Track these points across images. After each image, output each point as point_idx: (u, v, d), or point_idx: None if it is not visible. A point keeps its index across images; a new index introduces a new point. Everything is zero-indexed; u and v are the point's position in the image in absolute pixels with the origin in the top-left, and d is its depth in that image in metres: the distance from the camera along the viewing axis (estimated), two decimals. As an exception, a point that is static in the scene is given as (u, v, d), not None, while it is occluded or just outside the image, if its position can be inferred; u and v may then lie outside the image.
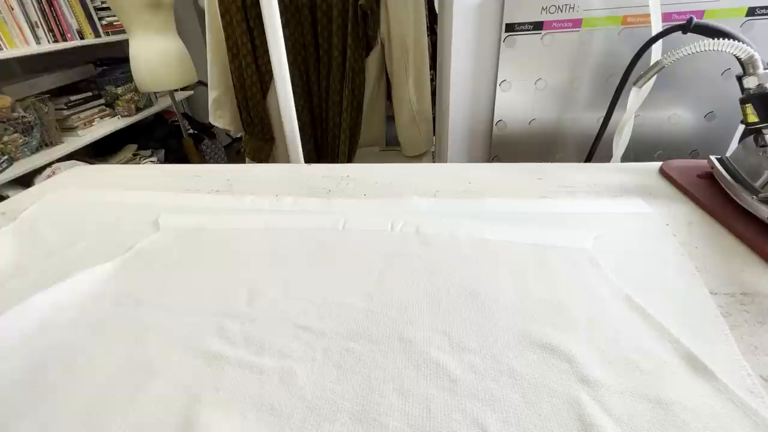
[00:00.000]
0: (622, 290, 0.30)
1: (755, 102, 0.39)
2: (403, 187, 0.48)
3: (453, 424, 0.22)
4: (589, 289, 0.31)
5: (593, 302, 0.29)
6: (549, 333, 0.27)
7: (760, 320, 0.27)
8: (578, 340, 0.26)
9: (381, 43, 1.09)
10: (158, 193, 0.51)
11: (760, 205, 0.35)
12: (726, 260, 0.33)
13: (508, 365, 0.25)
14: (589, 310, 0.28)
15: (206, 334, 0.29)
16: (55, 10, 1.74)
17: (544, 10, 0.61)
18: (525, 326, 0.28)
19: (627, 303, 0.29)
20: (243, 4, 1.01)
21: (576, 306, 0.29)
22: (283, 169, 0.58)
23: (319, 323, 0.29)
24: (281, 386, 0.25)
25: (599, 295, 0.30)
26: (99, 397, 0.25)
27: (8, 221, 0.46)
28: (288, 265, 0.35)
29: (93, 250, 0.40)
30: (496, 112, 0.70)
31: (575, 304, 0.29)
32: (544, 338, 0.26)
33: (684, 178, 0.45)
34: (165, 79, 1.65)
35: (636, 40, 0.59)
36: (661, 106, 0.66)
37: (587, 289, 0.31)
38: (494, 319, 0.28)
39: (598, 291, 0.30)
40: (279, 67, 0.74)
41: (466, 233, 0.38)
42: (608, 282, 0.31)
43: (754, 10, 0.58)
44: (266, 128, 1.19)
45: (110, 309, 0.32)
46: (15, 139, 1.54)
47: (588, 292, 0.30)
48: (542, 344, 0.26)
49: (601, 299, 0.29)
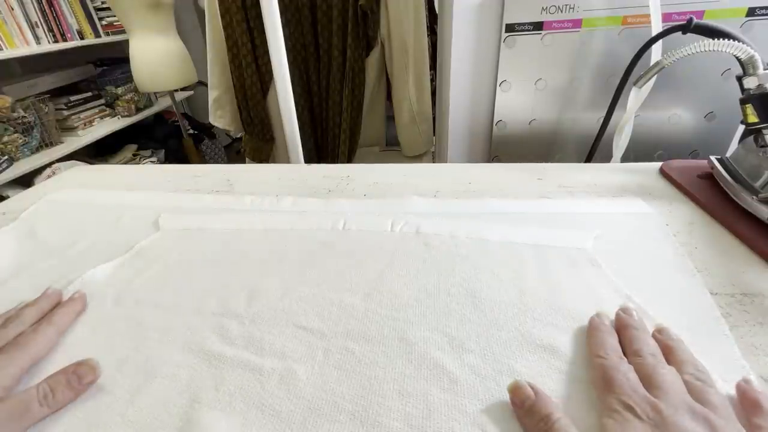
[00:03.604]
0: (622, 290, 0.30)
1: (755, 102, 0.39)
2: (403, 187, 0.48)
3: (453, 424, 0.22)
4: (589, 289, 0.31)
5: (593, 302, 0.29)
6: (549, 333, 0.27)
7: (760, 320, 0.27)
8: (578, 341, 0.26)
9: (381, 43, 1.09)
10: (158, 193, 0.51)
11: (760, 206, 0.35)
12: (726, 260, 0.33)
13: (508, 365, 0.25)
14: (589, 310, 0.28)
15: (206, 334, 0.29)
16: (55, 10, 1.74)
17: (544, 10, 0.61)
18: (525, 326, 0.27)
19: (627, 303, 0.29)
20: (243, 4, 1.01)
21: (576, 306, 0.29)
22: (283, 169, 0.58)
23: (319, 323, 0.29)
24: (281, 386, 0.25)
25: (599, 296, 0.30)
26: (99, 397, 0.25)
27: (8, 221, 0.46)
28: (288, 265, 0.36)
29: (93, 250, 0.40)
30: (496, 112, 0.70)
31: (575, 304, 0.29)
32: (545, 339, 0.26)
33: (684, 178, 0.45)
34: (165, 79, 1.65)
35: (636, 40, 0.59)
36: (661, 106, 0.66)
37: (587, 289, 0.31)
38: (494, 319, 0.28)
39: (598, 291, 0.30)
40: (279, 67, 0.74)
41: (466, 233, 0.38)
42: (608, 282, 0.31)
43: (754, 11, 0.58)
44: (266, 128, 1.19)
45: (110, 309, 0.32)
46: (15, 139, 1.54)
47: (588, 292, 0.30)
48: (542, 345, 0.26)
49: (601, 299, 0.29)
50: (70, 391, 0.24)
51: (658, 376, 0.21)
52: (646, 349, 0.23)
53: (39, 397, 0.23)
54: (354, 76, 1.09)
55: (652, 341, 0.24)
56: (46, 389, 0.24)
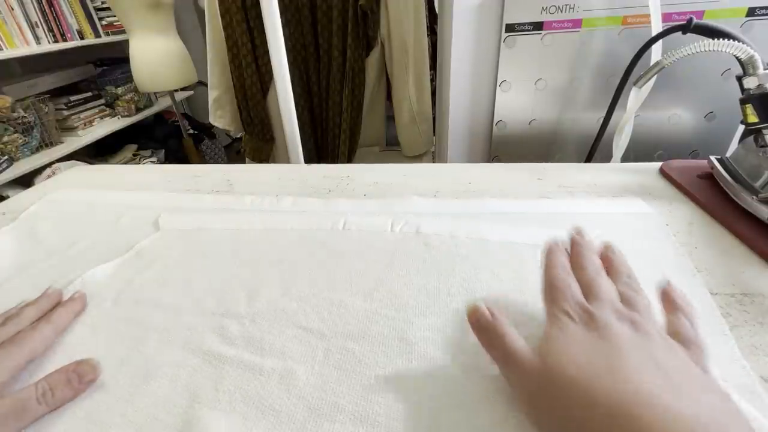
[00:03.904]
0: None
1: (755, 102, 0.39)
2: (403, 187, 0.48)
3: (454, 424, 0.22)
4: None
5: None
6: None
7: (760, 320, 0.27)
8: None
9: (381, 44, 1.09)
10: (158, 193, 0.51)
11: (760, 206, 0.35)
12: (726, 260, 0.33)
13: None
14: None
15: (206, 334, 0.29)
16: (55, 10, 1.74)
17: (544, 10, 0.61)
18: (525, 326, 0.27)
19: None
20: (243, 4, 1.01)
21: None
22: (283, 169, 0.58)
23: (319, 323, 0.29)
24: (281, 386, 0.25)
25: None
26: (99, 397, 0.25)
27: (8, 221, 0.46)
28: (288, 265, 0.35)
29: (93, 250, 0.40)
30: (496, 112, 0.70)
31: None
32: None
33: (684, 178, 0.45)
34: (165, 79, 1.66)
35: (636, 40, 0.59)
36: (661, 106, 0.66)
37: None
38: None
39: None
40: (279, 67, 0.74)
41: (466, 233, 0.38)
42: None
43: (754, 11, 0.58)
44: (266, 128, 1.19)
45: (110, 309, 0.32)
46: (15, 139, 1.54)
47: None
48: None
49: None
50: (70, 389, 0.24)
51: (595, 286, 0.24)
52: (590, 264, 0.26)
53: (37, 395, 0.23)
54: (354, 76, 1.09)
55: (596, 258, 0.27)
56: (45, 387, 0.24)
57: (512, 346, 0.22)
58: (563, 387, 0.19)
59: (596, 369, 0.19)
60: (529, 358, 0.22)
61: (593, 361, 0.20)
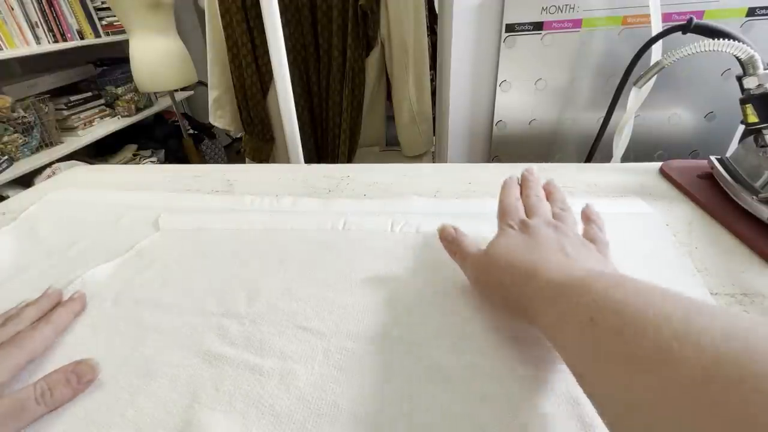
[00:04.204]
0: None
1: (755, 102, 0.39)
2: (403, 187, 0.48)
3: (454, 424, 0.22)
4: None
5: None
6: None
7: (760, 320, 0.27)
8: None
9: (381, 44, 1.09)
10: (158, 193, 0.51)
11: (760, 206, 0.35)
12: (726, 260, 0.33)
13: (509, 365, 0.25)
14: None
15: (206, 334, 0.29)
16: (55, 10, 1.74)
17: (544, 10, 0.61)
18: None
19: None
20: (243, 4, 1.01)
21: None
22: (283, 169, 0.57)
23: (319, 324, 0.29)
24: (281, 386, 0.25)
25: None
26: (99, 397, 0.25)
27: (8, 221, 0.46)
28: (288, 265, 0.36)
29: (93, 250, 0.40)
30: (496, 112, 0.70)
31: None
32: (545, 338, 0.26)
33: (684, 178, 0.45)
34: (165, 79, 1.66)
35: (636, 40, 0.59)
36: (661, 106, 0.66)
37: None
38: (494, 319, 0.28)
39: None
40: (279, 67, 0.74)
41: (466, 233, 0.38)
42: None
43: (754, 11, 0.58)
44: (266, 128, 1.19)
45: (110, 309, 0.32)
46: (15, 139, 1.54)
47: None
48: (542, 344, 0.26)
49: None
50: (69, 389, 0.24)
51: (535, 207, 0.31)
52: (534, 192, 0.33)
53: (36, 395, 0.23)
54: (354, 76, 1.09)
55: (540, 189, 0.34)
56: (44, 387, 0.24)
57: (468, 249, 0.30)
58: (497, 265, 0.27)
59: (520, 249, 0.27)
60: (479, 253, 0.29)
61: (519, 247, 0.27)
